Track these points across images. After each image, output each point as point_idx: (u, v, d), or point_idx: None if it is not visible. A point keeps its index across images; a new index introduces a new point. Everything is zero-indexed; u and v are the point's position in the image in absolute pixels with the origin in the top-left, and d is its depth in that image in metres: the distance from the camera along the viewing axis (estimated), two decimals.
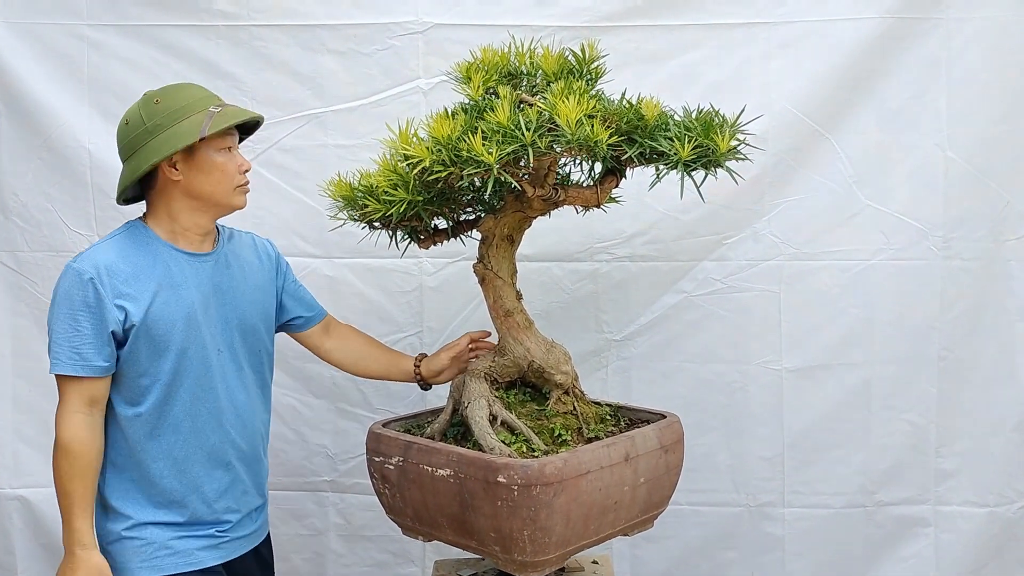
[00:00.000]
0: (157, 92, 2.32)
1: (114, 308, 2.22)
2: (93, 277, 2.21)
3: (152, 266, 2.29)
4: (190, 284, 2.33)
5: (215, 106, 2.30)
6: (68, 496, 2.22)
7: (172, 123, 2.25)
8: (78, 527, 2.22)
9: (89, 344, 2.21)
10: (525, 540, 2.11)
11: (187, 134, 2.23)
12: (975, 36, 3.10)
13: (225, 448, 2.39)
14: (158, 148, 2.24)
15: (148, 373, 2.28)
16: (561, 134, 2.03)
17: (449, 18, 3.17)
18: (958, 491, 3.28)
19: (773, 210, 3.18)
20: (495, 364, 2.45)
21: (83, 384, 2.22)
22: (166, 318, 2.27)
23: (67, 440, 2.21)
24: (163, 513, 2.34)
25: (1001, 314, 3.22)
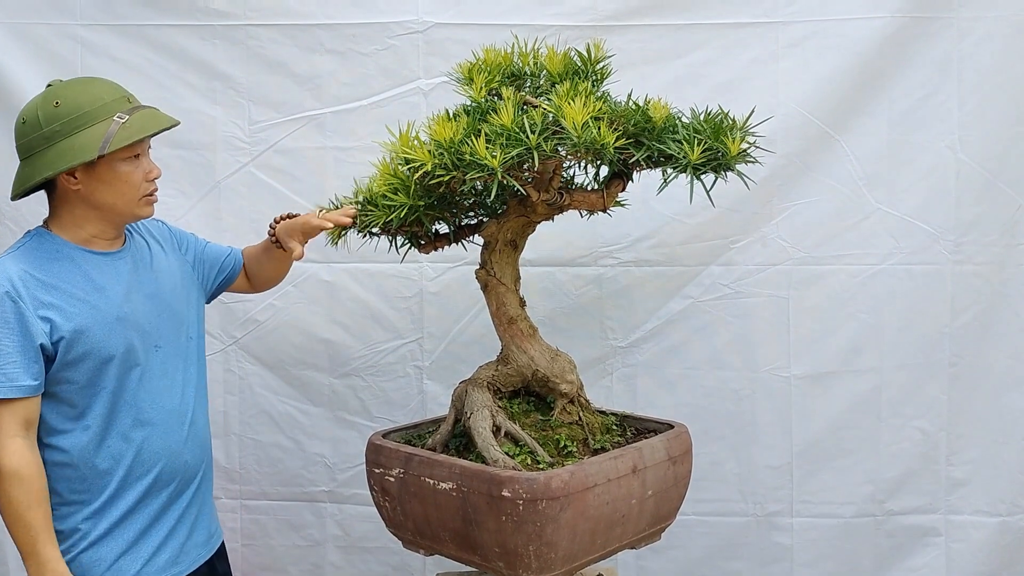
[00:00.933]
0: (59, 90, 2.15)
1: (38, 320, 2.09)
2: (8, 291, 2.08)
3: (70, 273, 2.17)
4: (114, 285, 2.21)
5: (122, 113, 2.13)
6: (28, 526, 2.08)
7: (71, 131, 2.09)
8: (49, 555, 2.09)
9: (14, 363, 2.07)
10: (530, 556, 2.06)
11: (85, 148, 2.08)
12: (988, 36, 3.06)
13: (177, 451, 2.28)
14: (53, 161, 2.09)
15: (92, 383, 2.16)
16: (567, 137, 1.99)
17: (450, 17, 3.14)
18: (969, 500, 3.25)
19: (781, 213, 3.15)
20: (498, 373, 2.41)
21: (15, 406, 2.08)
22: (98, 325, 2.15)
23: (15, 467, 2.06)
24: (111, 531, 2.21)
25: (1013, 319, 3.18)
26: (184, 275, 2.43)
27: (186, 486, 2.33)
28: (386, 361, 3.25)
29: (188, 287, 2.43)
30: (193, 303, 2.43)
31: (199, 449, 2.37)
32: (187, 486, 2.34)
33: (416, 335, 3.24)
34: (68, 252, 2.19)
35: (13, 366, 2.06)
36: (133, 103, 2.18)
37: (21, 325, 2.07)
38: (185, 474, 2.32)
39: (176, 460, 2.29)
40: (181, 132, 3.12)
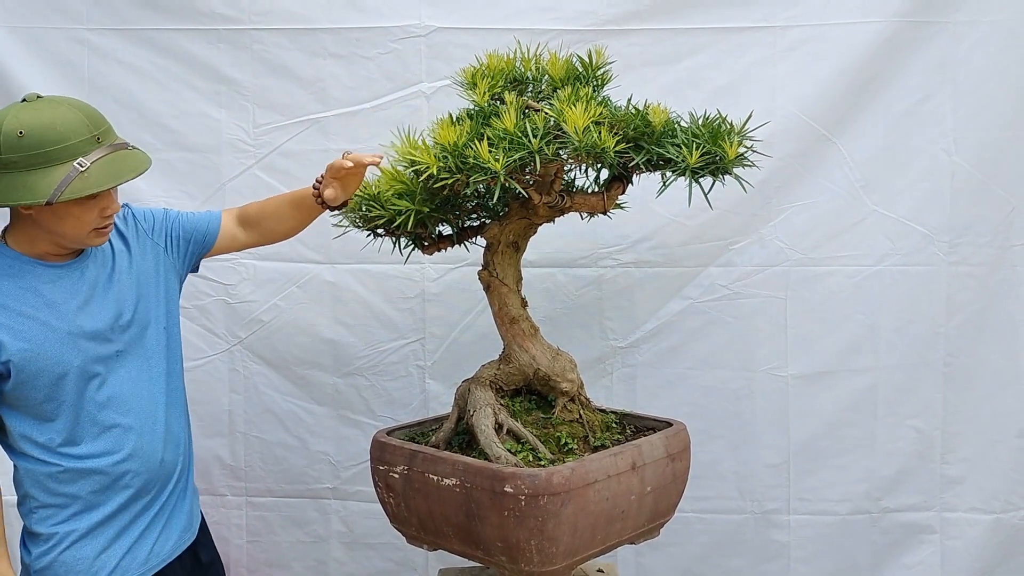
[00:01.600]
0: (28, 118, 2.02)
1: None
2: None
3: (20, 290, 2.12)
4: (67, 298, 2.16)
5: (83, 159, 2.02)
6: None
7: (28, 167, 1.99)
8: (3, 571, 2.12)
9: None
10: (532, 550, 2.10)
11: (36, 191, 1.98)
12: (982, 40, 3.10)
13: (151, 451, 2.26)
14: (3, 191, 2.00)
15: (51, 398, 2.14)
16: (568, 141, 2.04)
17: (452, 22, 3.16)
18: (964, 498, 3.29)
19: (779, 215, 3.18)
20: (500, 372, 2.45)
21: None
22: (49, 342, 2.11)
23: None
24: (91, 532, 2.21)
25: (1007, 320, 3.22)
26: (156, 263, 2.37)
27: (165, 484, 2.32)
28: (389, 361, 3.27)
29: (159, 276, 2.36)
30: (163, 294, 2.36)
31: (175, 446, 2.34)
32: (166, 484, 2.32)
33: (418, 335, 3.27)
34: (20, 267, 2.13)
35: None
36: (102, 141, 2.07)
37: None
38: (162, 473, 2.30)
39: (152, 461, 2.26)
40: (187, 135, 3.19)
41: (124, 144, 2.13)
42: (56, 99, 2.10)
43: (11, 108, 2.06)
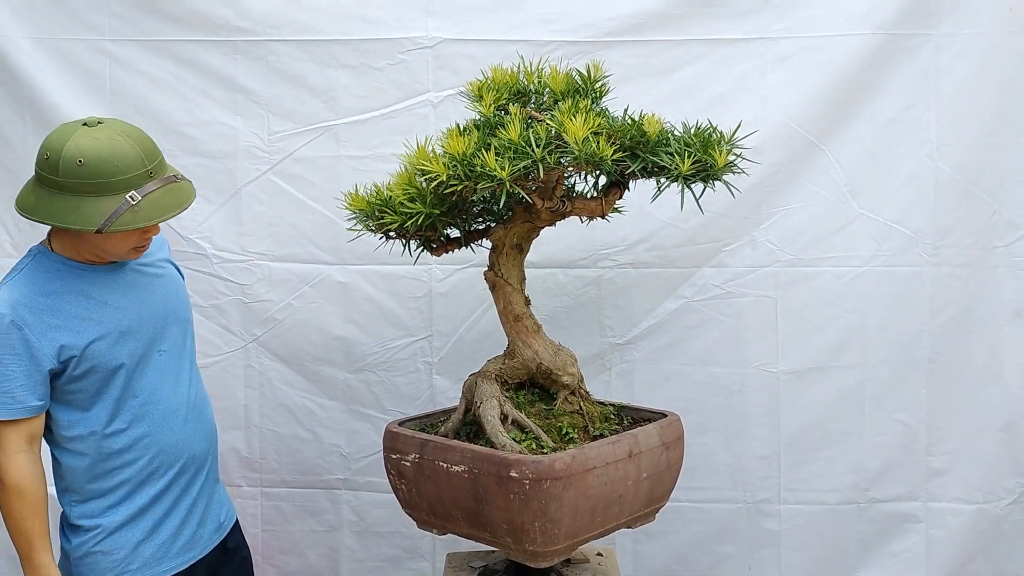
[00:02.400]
0: (88, 147, 2.12)
1: (46, 344, 2.17)
2: (14, 319, 2.15)
3: (71, 291, 2.24)
4: (115, 297, 2.29)
5: (135, 192, 2.14)
6: (25, 535, 2.20)
7: (82, 193, 2.10)
8: (42, 562, 2.22)
9: (21, 386, 2.16)
10: (536, 531, 2.21)
11: (88, 219, 2.10)
12: (964, 51, 3.18)
13: (186, 444, 2.41)
14: (55, 212, 2.12)
15: (99, 393, 2.27)
16: (569, 150, 2.14)
17: (457, 33, 3.24)
18: (948, 488, 3.36)
19: (770, 218, 3.26)
20: (505, 366, 2.55)
21: (20, 425, 2.18)
22: (103, 340, 2.24)
23: (16, 481, 2.17)
24: (130, 522, 2.34)
25: (989, 318, 3.30)
26: (181, 285, 2.54)
27: (197, 474, 2.47)
28: (398, 357, 3.36)
29: (184, 296, 2.53)
30: (187, 312, 2.52)
31: (204, 437, 2.50)
32: (198, 474, 2.47)
33: (426, 333, 3.36)
34: (68, 271, 2.26)
35: (21, 389, 2.16)
36: (155, 176, 2.18)
37: (27, 350, 2.16)
38: (194, 463, 2.45)
39: (186, 451, 2.42)
40: (204, 142, 3.28)
41: (173, 177, 2.25)
42: (116, 128, 2.20)
43: (72, 132, 2.15)
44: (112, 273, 2.32)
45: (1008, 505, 3.36)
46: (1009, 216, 3.26)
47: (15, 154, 3.31)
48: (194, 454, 2.45)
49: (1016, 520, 3.37)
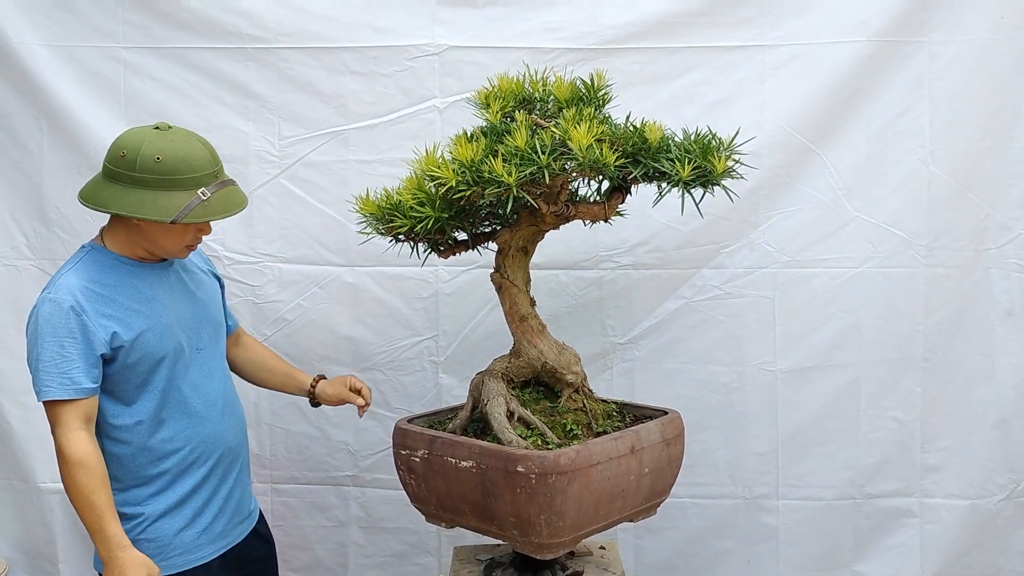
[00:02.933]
0: (165, 146, 2.32)
1: (100, 330, 2.30)
2: (73, 305, 2.29)
3: (122, 285, 2.38)
4: (161, 294, 2.44)
5: (206, 189, 2.33)
6: (94, 508, 2.28)
7: (158, 187, 2.28)
8: (113, 532, 2.30)
9: (77, 368, 2.28)
10: (542, 524, 2.29)
11: (163, 210, 2.27)
12: (956, 58, 3.23)
13: (223, 435, 2.55)
14: (131, 204, 2.28)
15: (145, 383, 2.40)
16: (573, 157, 2.21)
17: (463, 41, 3.31)
18: (942, 484, 3.41)
19: (767, 221, 3.31)
20: (511, 365, 2.62)
21: (77, 404, 2.29)
22: (151, 332, 2.38)
23: (80, 455, 2.27)
24: (171, 510, 2.47)
25: (982, 318, 3.35)
26: (217, 294, 2.69)
27: (232, 465, 2.60)
28: (405, 356, 3.42)
29: (219, 303, 2.69)
30: (223, 317, 2.69)
31: (239, 432, 2.65)
32: (233, 464, 2.60)
33: (432, 332, 3.42)
34: (120, 266, 2.41)
35: (77, 371, 2.29)
36: (220, 177, 2.39)
37: (84, 335, 2.29)
38: (231, 454, 2.59)
39: (222, 443, 2.56)
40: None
41: (231, 181, 2.46)
42: (187, 133, 2.42)
43: (147, 134, 2.35)
44: (160, 272, 2.47)
45: (1001, 501, 3.40)
46: (1001, 219, 3.31)
47: (31, 159, 3.39)
48: (229, 446, 2.58)
49: (1008, 515, 3.42)
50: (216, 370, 2.58)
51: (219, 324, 2.63)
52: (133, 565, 2.30)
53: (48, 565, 3.55)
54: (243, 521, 2.66)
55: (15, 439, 3.47)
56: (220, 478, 2.57)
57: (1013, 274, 3.33)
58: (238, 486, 2.63)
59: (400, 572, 3.55)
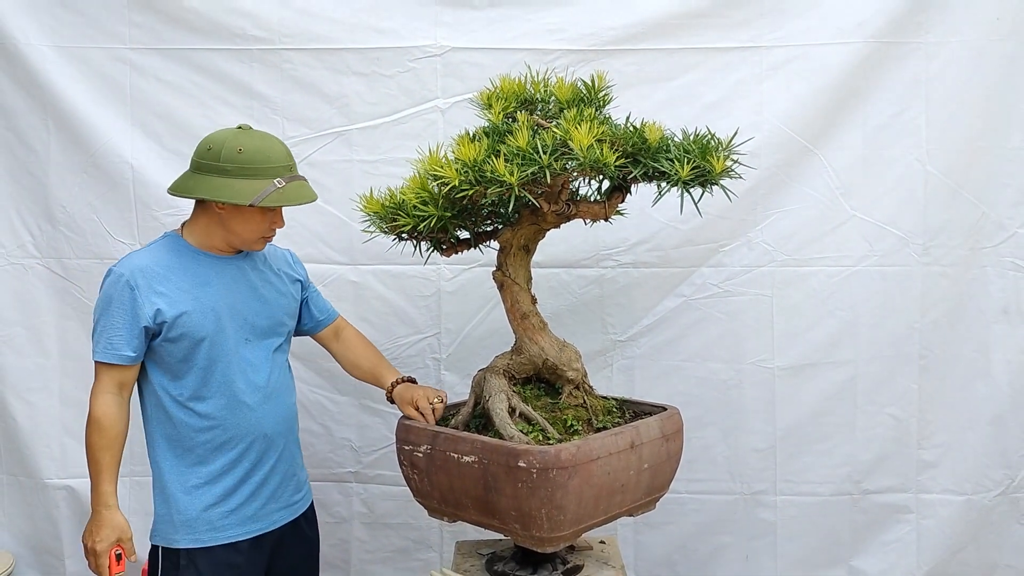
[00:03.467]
0: (246, 139, 2.54)
1: (147, 305, 2.49)
2: (128, 279, 2.49)
3: (181, 268, 2.57)
4: (215, 282, 2.60)
5: (281, 179, 2.53)
6: (97, 464, 2.52)
7: (239, 175, 2.49)
8: (105, 490, 2.52)
9: (120, 337, 2.49)
10: (543, 518, 2.33)
11: (242, 194, 2.48)
12: (952, 59, 3.26)
13: (259, 426, 2.64)
14: (213, 188, 2.50)
15: (186, 359, 2.55)
16: (574, 157, 2.25)
17: (465, 43, 3.34)
18: (938, 480, 3.44)
19: (765, 220, 3.35)
20: (513, 362, 2.66)
21: (114, 370, 2.52)
22: (195, 312, 2.54)
23: (99, 416, 2.51)
24: (204, 487, 2.60)
25: (977, 316, 3.38)
26: (288, 299, 2.80)
27: (268, 453, 2.68)
28: (407, 354, 3.46)
29: (287, 309, 2.80)
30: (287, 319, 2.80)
31: (280, 424, 2.72)
32: (268, 452, 2.68)
33: (434, 330, 3.46)
34: (190, 254, 2.60)
35: (119, 339, 2.49)
36: (292, 171, 2.58)
37: (132, 307, 2.48)
38: (266, 442, 2.67)
39: (257, 429, 2.65)
40: None
41: (303, 177, 2.64)
42: (266, 133, 2.65)
43: (230, 132, 2.59)
44: (224, 263, 2.64)
45: (996, 496, 3.44)
46: (997, 217, 3.34)
47: (38, 158, 3.43)
48: (266, 434, 2.67)
49: (1004, 511, 3.45)
50: (263, 362, 2.68)
51: (280, 324, 2.75)
52: (108, 524, 2.52)
53: (54, 560, 3.59)
54: (281, 509, 2.73)
55: (21, 435, 3.52)
56: (253, 463, 2.65)
57: (1008, 272, 3.36)
58: (276, 475, 2.70)
59: (403, 568, 3.59)
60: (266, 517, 2.69)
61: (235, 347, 2.61)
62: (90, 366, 2.52)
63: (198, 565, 2.59)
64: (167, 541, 2.60)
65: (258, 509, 2.67)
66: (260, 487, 2.67)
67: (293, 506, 2.78)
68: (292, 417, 2.80)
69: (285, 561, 2.78)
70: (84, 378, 3.40)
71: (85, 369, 3.42)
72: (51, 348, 3.51)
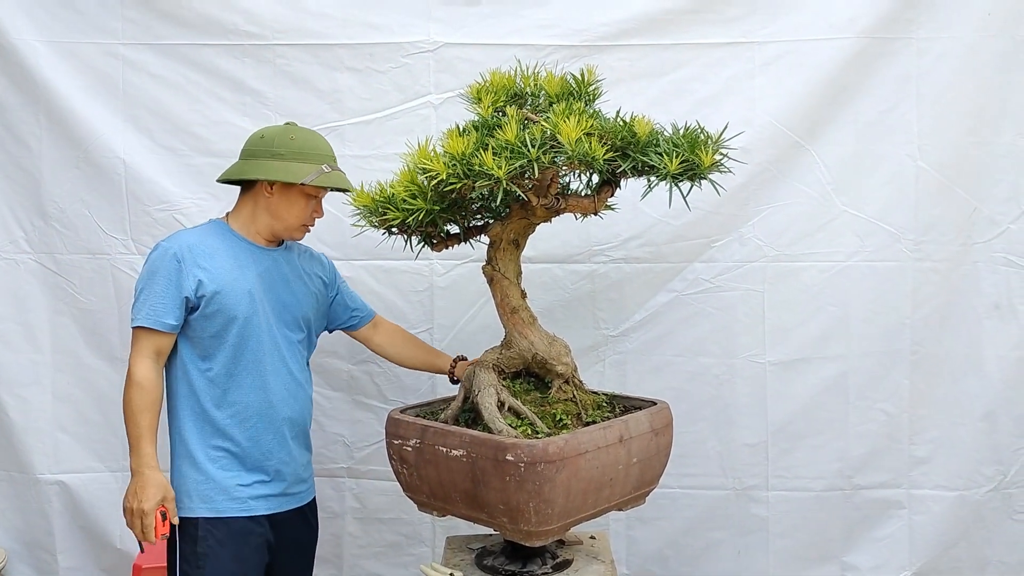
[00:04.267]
0: (297, 130, 2.73)
1: (190, 278, 2.60)
2: (176, 252, 2.62)
3: (224, 250, 2.69)
4: (251, 268, 2.72)
5: (328, 166, 2.70)
6: (138, 425, 2.57)
7: (291, 158, 2.66)
8: (146, 451, 2.58)
9: (164, 304, 2.59)
10: (531, 511, 2.32)
11: (294, 174, 2.64)
12: (943, 55, 3.28)
13: (279, 410, 2.74)
14: (268, 169, 2.65)
15: (217, 335, 2.65)
16: (562, 150, 2.25)
17: (457, 38, 3.36)
18: (930, 476, 3.46)
19: (757, 215, 3.36)
20: (502, 356, 2.66)
21: (154, 336, 2.61)
22: (233, 291, 2.65)
23: (140, 377, 2.58)
24: (225, 461, 2.69)
25: (969, 312, 3.39)
26: (319, 300, 2.93)
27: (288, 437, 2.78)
28: None
29: (318, 308, 2.93)
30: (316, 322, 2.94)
31: (299, 412, 2.82)
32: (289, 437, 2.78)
33: (427, 325, 3.46)
34: (232, 240, 2.74)
35: (163, 307, 2.60)
36: (334, 166, 2.75)
37: (177, 279, 2.60)
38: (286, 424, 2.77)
39: (281, 412, 2.75)
40: (214, 142, 3.39)
41: (341, 169, 2.79)
42: (314, 130, 2.83)
43: (280, 125, 2.79)
44: (262, 253, 2.77)
45: (988, 492, 3.45)
46: (988, 213, 3.35)
47: (30, 154, 3.43)
48: (288, 416, 2.77)
49: (995, 507, 3.46)
50: (289, 349, 2.79)
51: (305, 319, 2.86)
52: (153, 484, 2.56)
53: (47, 556, 3.59)
54: (293, 494, 2.82)
55: (14, 431, 3.51)
56: (275, 443, 2.74)
57: (1000, 268, 3.37)
58: (292, 460, 2.81)
59: (395, 562, 3.59)
60: (279, 497, 2.77)
61: (267, 330, 2.72)
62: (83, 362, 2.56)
63: (216, 534, 2.66)
64: (185, 510, 2.66)
65: (275, 489, 2.75)
66: (280, 468, 2.76)
67: (301, 494, 2.86)
68: (310, 408, 2.91)
69: (288, 546, 2.83)
70: (77, 373, 3.46)
71: (78, 364, 3.47)
72: (43, 343, 3.51)
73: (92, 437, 3.53)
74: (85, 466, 3.51)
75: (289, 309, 2.80)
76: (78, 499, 3.53)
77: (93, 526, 3.55)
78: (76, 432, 3.50)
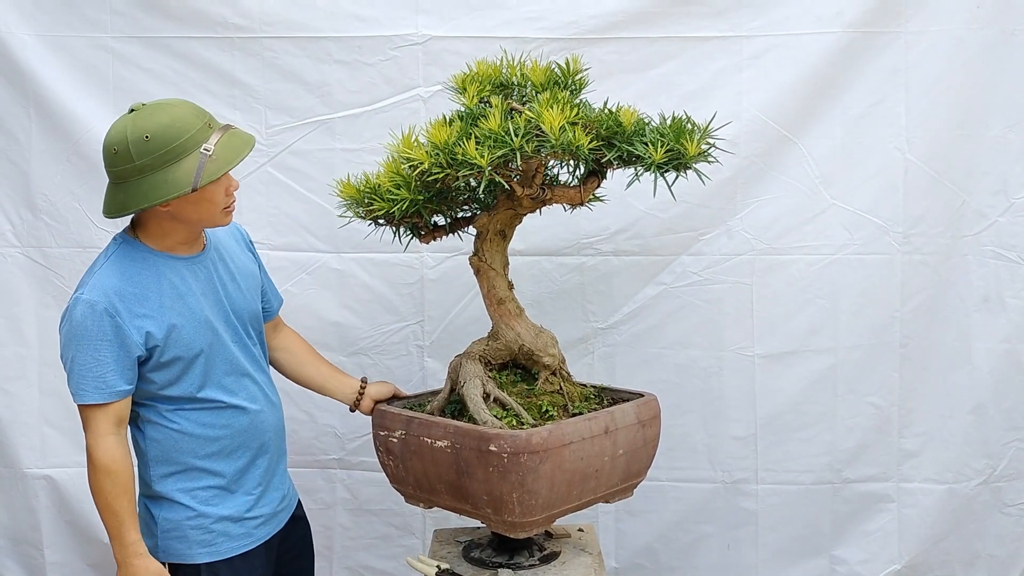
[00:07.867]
0: (146, 122, 2.24)
1: (134, 332, 2.28)
2: (105, 307, 2.25)
3: (156, 282, 2.34)
4: (194, 290, 2.40)
5: (207, 145, 2.26)
6: (116, 514, 2.30)
7: (163, 165, 2.23)
8: (132, 539, 2.33)
9: (112, 371, 2.27)
10: (514, 502, 2.33)
11: (179, 183, 2.22)
12: (932, 48, 3.27)
13: (262, 428, 2.55)
14: (148, 192, 2.23)
15: (181, 379, 2.39)
16: (546, 139, 2.25)
17: (446, 31, 3.34)
18: (919, 469, 3.45)
19: (745, 208, 3.35)
20: (489, 347, 2.66)
21: (109, 408, 2.30)
22: (184, 328, 2.35)
23: (107, 462, 2.28)
24: (217, 499, 2.47)
25: (958, 305, 3.39)
26: (255, 279, 2.66)
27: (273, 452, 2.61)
28: (391, 341, 3.46)
29: (258, 290, 2.67)
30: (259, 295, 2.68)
31: (278, 422, 2.65)
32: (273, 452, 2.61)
33: (418, 318, 3.46)
34: (153, 260, 2.36)
35: (111, 374, 2.27)
36: (212, 127, 2.32)
37: (118, 337, 2.26)
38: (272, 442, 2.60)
39: (263, 434, 2.56)
40: None
41: (228, 126, 2.38)
42: (162, 101, 2.35)
43: (125, 120, 2.28)
44: (193, 265, 2.44)
45: (977, 485, 3.45)
46: (977, 206, 3.35)
47: (19, 148, 3.42)
48: (270, 436, 2.59)
49: (985, 500, 3.46)
50: (258, 360, 2.59)
51: (254, 317, 2.60)
52: (147, 573, 2.35)
53: (33, 551, 3.59)
54: (285, 507, 2.68)
55: (0, 425, 3.51)
56: (261, 466, 2.56)
57: (989, 261, 3.37)
58: (277, 473, 2.64)
59: (386, 554, 3.60)
60: (275, 517, 2.62)
61: (232, 352, 2.48)
62: None
63: None
64: (182, 557, 2.45)
65: (269, 511, 2.59)
66: (268, 489, 2.58)
67: (287, 496, 2.71)
68: (280, 414, 2.70)
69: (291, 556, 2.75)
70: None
71: None
72: (31, 337, 3.50)
73: (79, 431, 3.40)
74: (72, 460, 3.48)
75: (239, 314, 2.52)
76: (65, 494, 3.52)
77: (80, 521, 3.54)
78: (63, 426, 3.48)
